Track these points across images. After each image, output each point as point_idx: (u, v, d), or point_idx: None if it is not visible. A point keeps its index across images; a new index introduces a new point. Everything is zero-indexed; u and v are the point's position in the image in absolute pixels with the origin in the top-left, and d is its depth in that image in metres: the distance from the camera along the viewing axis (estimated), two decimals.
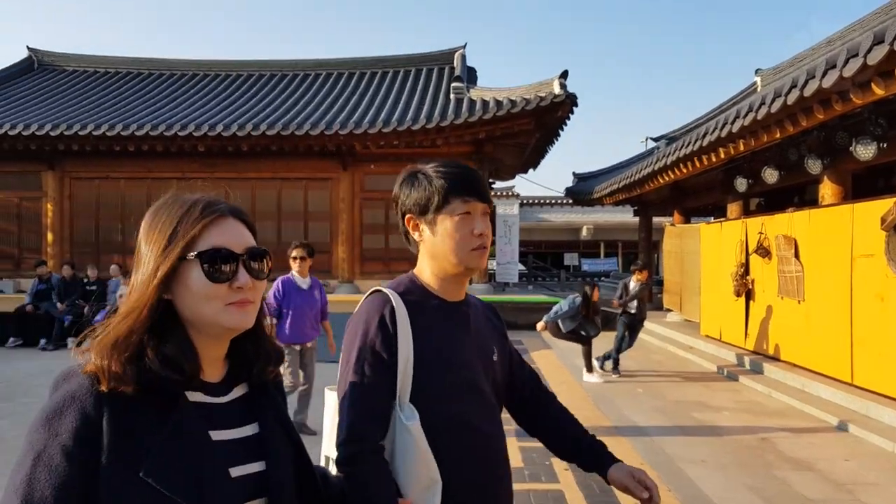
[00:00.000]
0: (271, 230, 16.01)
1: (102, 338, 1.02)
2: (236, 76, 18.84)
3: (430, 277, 1.56)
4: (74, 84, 18.28)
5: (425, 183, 1.51)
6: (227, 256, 1.07)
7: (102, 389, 0.98)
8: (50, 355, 10.21)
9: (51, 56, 19.59)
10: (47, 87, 17.98)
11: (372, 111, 15.40)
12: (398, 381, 1.42)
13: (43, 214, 15.85)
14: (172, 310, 1.06)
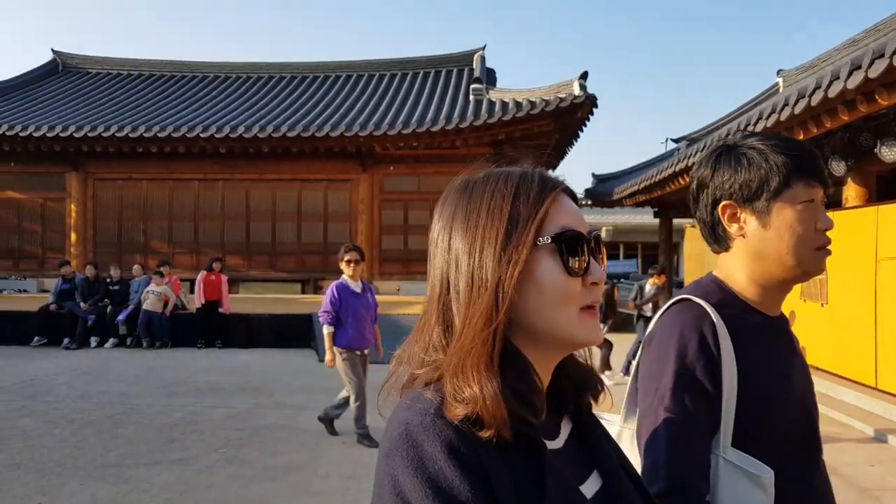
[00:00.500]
0: (291, 231, 16.14)
1: (460, 364, 0.73)
2: (257, 78, 19.00)
3: (747, 284, 1.23)
4: (98, 86, 18.55)
5: (758, 160, 1.18)
6: (581, 241, 0.78)
7: (482, 436, 0.70)
8: (73, 354, 10.36)
9: (75, 59, 19.89)
10: (71, 89, 18.25)
11: (392, 113, 15.45)
12: (721, 420, 1.11)
13: (67, 215, 16.10)
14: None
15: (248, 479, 4.59)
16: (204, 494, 4.27)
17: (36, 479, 4.55)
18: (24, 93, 17.56)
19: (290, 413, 6.49)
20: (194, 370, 8.93)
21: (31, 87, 18.14)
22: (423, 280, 14.34)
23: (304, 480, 4.55)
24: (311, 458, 5.07)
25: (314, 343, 10.62)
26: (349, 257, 5.71)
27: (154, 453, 5.13)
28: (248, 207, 16.15)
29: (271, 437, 5.60)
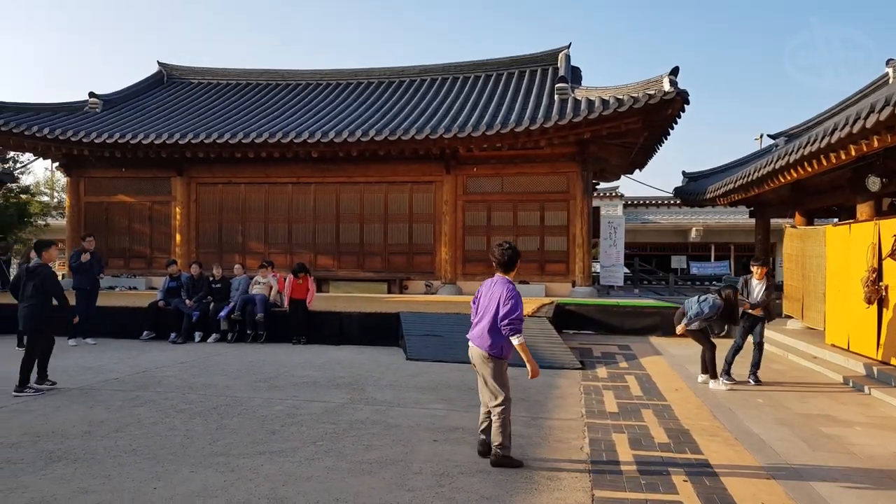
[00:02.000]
0: (378, 232, 16.53)
1: None
2: (346, 84, 19.56)
3: None
4: (199, 96, 19.61)
5: None
6: None
7: None
8: (179, 348, 11.00)
9: (178, 70, 21.11)
10: (175, 99, 19.38)
11: (475, 115, 15.54)
12: None
13: (172, 217, 17.14)
14: None
15: (344, 471, 4.75)
16: (304, 485, 4.46)
17: (151, 465, 4.88)
18: (132, 103, 18.80)
19: (382, 409, 6.66)
20: (290, 365, 9.31)
21: (140, 97, 19.39)
22: None
23: (399, 476, 4.67)
24: (403, 453, 5.20)
25: (401, 341, 10.83)
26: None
27: (257, 444, 5.40)
28: (337, 209, 16.68)
29: (365, 432, 5.77)
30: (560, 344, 10.09)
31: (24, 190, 24.32)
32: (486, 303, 5.23)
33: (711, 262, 30.87)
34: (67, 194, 18.38)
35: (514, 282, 5.42)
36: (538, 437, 5.74)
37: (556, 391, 7.74)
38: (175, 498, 4.20)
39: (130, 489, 4.36)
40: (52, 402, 6.94)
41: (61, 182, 28.52)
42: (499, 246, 5.41)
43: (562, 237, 15.75)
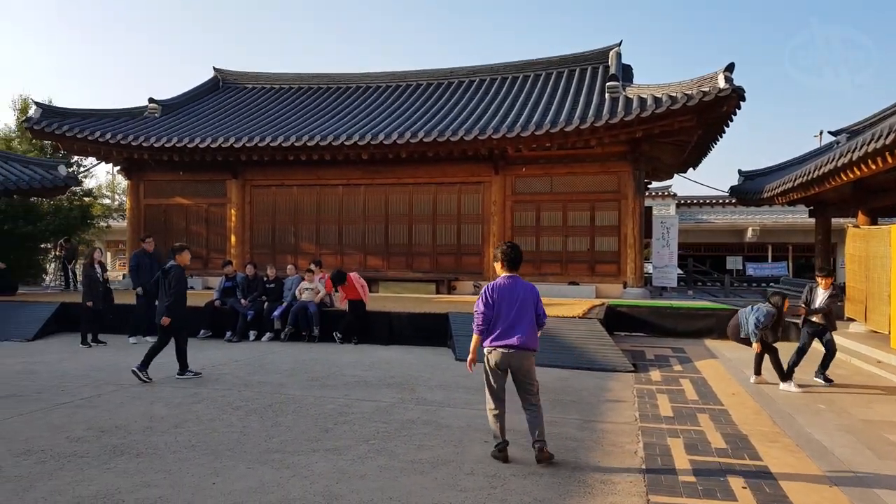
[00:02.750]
0: (427, 233, 16.61)
1: None
2: (396, 86, 19.71)
3: None
4: (253, 100, 20.06)
5: None
6: None
7: None
8: (235, 346, 11.28)
9: (233, 75, 21.65)
10: (230, 103, 19.88)
11: (524, 115, 15.46)
12: None
13: (227, 218, 17.58)
14: None
15: (397, 471, 4.79)
16: (358, 484, 4.51)
17: (209, 460, 5.01)
18: (189, 108, 19.37)
19: (432, 409, 6.68)
20: (341, 364, 9.43)
21: (196, 102, 19.96)
22: (555, 282, 14.24)
23: (451, 476, 4.68)
24: (455, 454, 5.20)
25: (450, 342, 10.85)
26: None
27: (311, 442, 5.49)
28: (386, 210, 16.82)
29: (416, 432, 5.81)
30: (612, 346, 9.94)
31: (87, 193, 25.30)
32: (517, 304, 5.14)
33: (768, 262, 29.96)
34: (128, 197, 19.06)
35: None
36: (591, 441, 5.67)
37: (608, 394, 7.63)
38: (233, 493, 4.30)
39: (190, 484, 4.48)
40: (116, 397, 7.21)
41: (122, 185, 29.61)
42: (510, 246, 5.43)
43: (613, 237, 15.52)
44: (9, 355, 10.21)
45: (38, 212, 20.19)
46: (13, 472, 4.71)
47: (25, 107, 23.67)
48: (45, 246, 21.93)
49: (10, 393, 7.39)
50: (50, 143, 20.26)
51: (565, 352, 9.75)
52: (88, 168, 23.40)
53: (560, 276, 15.64)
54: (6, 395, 7.30)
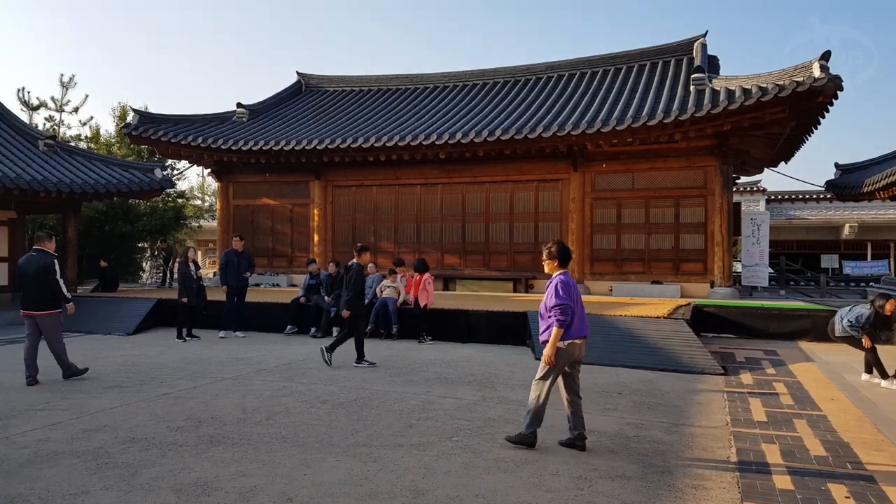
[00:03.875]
0: (504, 231, 16.55)
1: None
2: (473, 85, 19.74)
3: None
4: (335, 103, 20.55)
5: None
6: None
7: None
8: (319, 342, 11.54)
9: (315, 79, 22.25)
10: (313, 106, 20.43)
11: (605, 110, 15.15)
12: None
13: (310, 218, 18.09)
14: None
15: (481, 468, 4.80)
16: (443, 480, 4.55)
17: (300, 452, 5.18)
18: (275, 112, 20.04)
19: (514, 408, 6.65)
20: (421, 361, 9.54)
21: (281, 106, 20.64)
22: (637, 281, 13.91)
23: (536, 476, 4.65)
24: (539, 454, 5.16)
25: (529, 340, 10.78)
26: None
27: (396, 437, 5.58)
28: (463, 209, 16.88)
29: (499, 430, 5.80)
30: (699, 347, 9.61)
31: (180, 195, 26.60)
32: (579, 297, 5.55)
33: (868, 261, 28.17)
34: (218, 198, 19.92)
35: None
36: (680, 445, 5.50)
37: (697, 397, 7.38)
38: (323, 485, 4.42)
39: (283, 474, 4.64)
40: (210, 390, 7.55)
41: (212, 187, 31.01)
42: (562, 244, 5.74)
43: (699, 235, 14.99)
44: (112, 348, 10.87)
45: (136, 213, 21.40)
46: (120, 458, 5.01)
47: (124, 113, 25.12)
48: (142, 245, 23.24)
49: (114, 384, 7.87)
50: (146, 148, 21.41)
51: (650, 353, 9.51)
52: (181, 171, 24.57)
53: (643, 275, 15.24)
54: (111, 385, 7.78)
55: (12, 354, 10.13)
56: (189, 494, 4.25)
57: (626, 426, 6.03)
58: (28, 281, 8.12)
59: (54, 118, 26.04)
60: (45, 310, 8.09)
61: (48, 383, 7.89)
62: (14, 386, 7.75)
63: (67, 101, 26.20)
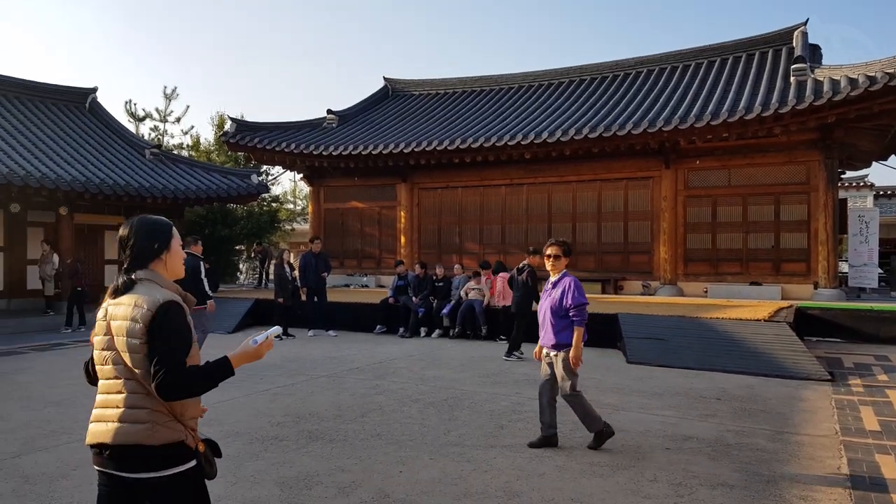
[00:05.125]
0: (591, 231, 16.27)
1: None
2: (559, 83, 19.51)
3: None
4: (420, 106, 20.83)
5: None
6: None
7: None
8: (407, 341, 11.79)
9: (401, 83, 22.64)
10: (399, 110, 20.80)
11: (698, 104, 14.62)
12: None
13: (397, 220, 18.42)
14: None
15: (575, 472, 4.74)
16: (537, 482, 4.53)
17: (394, 449, 5.29)
18: (363, 117, 20.53)
19: (607, 412, 6.52)
20: (508, 362, 9.53)
21: (369, 111, 21.12)
22: (733, 281, 13.31)
23: (632, 481, 4.55)
24: (635, 459, 5.05)
25: (620, 343, 10.55)
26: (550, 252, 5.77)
27: (488, 437, 5.60)
28: (549, 209, 16.71)
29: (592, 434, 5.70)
30: (804, 352, 9.11)
31: (275, 199, 27.73)
32: None
33: None
34: (310, 202, 20.61)
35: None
36: (785, 454, 5.24)
37: (802, 404, 7.01)
38: (419, 483, 4.50)
39: (379, 471, 4.76)
40: (307, 387, 7.83)
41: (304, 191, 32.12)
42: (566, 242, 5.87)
43: (801, 233, 14.20)
44: (214, 346, 11.36)
45: (234, 217, 22.49)
46: (225, 451, 5.20)
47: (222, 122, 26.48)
48: (240, 248, 24.38)
49: None
50: (243, 154, 22.44)
51: (749, 357, 9.10)
52: (275, 176, 25.64)
53: (740, 276, 14.59)
54: None
55: None
56: (292, 488, 4.43)
57: (727, 433, 5.80)
58: (179, 280, 8.87)
59: (159, 128, 27.77)
60: (193, 306, 8.80)
61: None
62: None
63: (170, 111, 27.87)
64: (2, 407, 6.82)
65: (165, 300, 2.32)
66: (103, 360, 2.35)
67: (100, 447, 2.31)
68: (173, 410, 2.32)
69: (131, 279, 2.38)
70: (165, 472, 2.26)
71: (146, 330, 2.25)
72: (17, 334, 13.29)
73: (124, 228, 2.45)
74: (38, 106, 18.36)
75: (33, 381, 8.29)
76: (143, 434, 2.24)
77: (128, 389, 2.29)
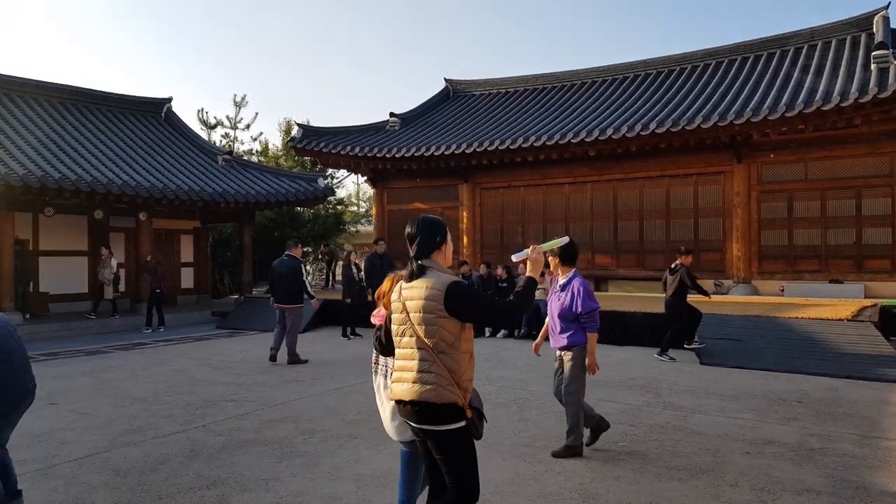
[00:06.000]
0: (659, 229, 15.89)
1: None
2: (623, 78, 19.15)
3: None
4: (481, 106, 20.83)
5: None
6: None
7: None
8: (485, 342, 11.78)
9: (462, 84, 22.69)
10: (460, 111, 20.85)
11: (771, 96, 14.08)
12: None
13: (459, 220, 18.46)
14: None
15: (652, 475, 4.64)
16: (612, 485, 4.45)
17: None
18: (425, 118, 20.68)
19: (682, 414, 6.37)
20: None
21: (430, 113, 21.26)
22: (812, 280, 12.75)
23: (712, 486, 4.42)
24: (713, 463, 4.91)
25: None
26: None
27: (559, 439, 5.53)
28: (615, 207, 16.42)
29: (667, 437, 5.58)
30: (891, 353, 8.64)
31: (340, 202, 28.28)
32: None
33: None
34: (373, 204, 20.91)
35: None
36: (874, 460, 4.99)
37: (891, 408, 6.65)
38: (492, 483, 4.50)
39: None
40: None
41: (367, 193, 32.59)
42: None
43: (885, 228, 13.47)
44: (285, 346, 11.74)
45: (301, 220, 23.04)
46: (302, 448, 5.41)
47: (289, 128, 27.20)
48: (306, 249, 24.95)
49: (291, 378, 8.52)
50: (309, 159, 22.96)
51: (832, 359, 8.70)
52: (340, 179, 26.15)
53: (819, 274, 13.96)
54: (289, 380, 8.42)
55: (206, 350, 11.30)
56: (367, 485, 4.50)
57: (810, 437, 5.57)
58: (280, 280, 9.93)
59: (229, 135, 28.73)
60: (292, 303, 9.90)
61: (234, 376, 8.70)
62: (205, 379, 8.62)
63: (240, 118, 28.78)
64: (92, 403, 7.19)
65: (451, 281, 2.89)
66: (400, 333, 2.99)
67: (401, 402, 2.97)
68: (453, 375, 2.88)
69: (421, 266, 2.98)
70: (443, 426, 2.88)
71: (441, 306, 2.83)
72: (102, 334, 14.01)
73: (411, 227, 3.08)
74: (117, 116, 19.28)
75: (119, 378, 8.70)
76: (430, 394, 2.85)
77: (420, 357, 2.89)
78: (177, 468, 4.92)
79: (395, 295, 3.05)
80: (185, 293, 19.33)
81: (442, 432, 2.89)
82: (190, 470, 4.88)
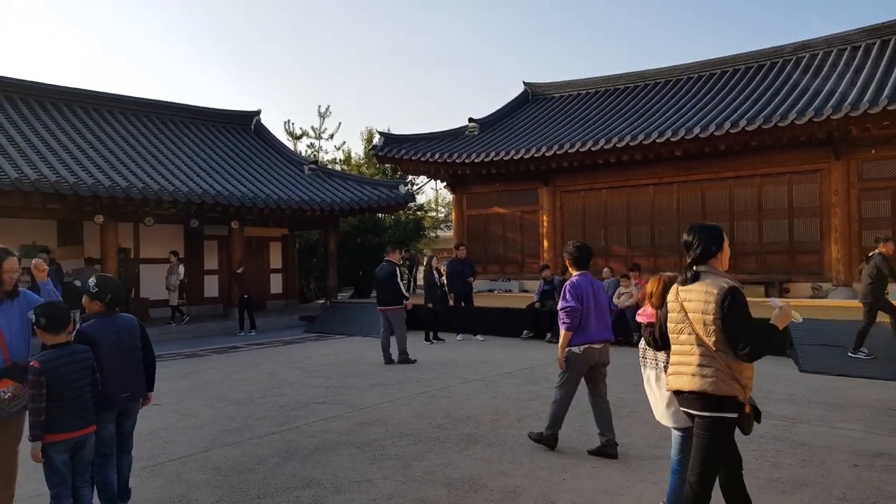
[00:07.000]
0: (752, 230, 15.26)
1: None
2: (709, 75, 18.50)
3: None
4: (560, 108, 20.60)
5: None
6: None
7: None
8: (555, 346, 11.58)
9: (541, 87, 22.53)
10: (539, 114, 20.70)
11: (871, 89, 13.27)
12: None
13: (539, 224, 18.33)
14: None
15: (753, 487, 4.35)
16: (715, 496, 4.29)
17: (556, 456, 5.26)
18: (503, 123, 20.66)
19: (782, 424, 6.08)
20: None
21: (509, 117, 21.22)
22: None
23: (818, 499, 4.20)
24: (819, 475, 4.66)
25: (790, 350, 9.78)
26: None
27: (651, 448, 5.39)
28: (703, 208, 15.86)
29: (768, 448, 5.33)
30: None
31: (420, 207, 28.62)
32: (595, 298, 5.45)
33: None
34: (453, 209, 21.04)
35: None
36: None
37: None
38: (584, 491, 4.44)
39: (542, 477, 4.75)
40: (462, 390, 7.98)
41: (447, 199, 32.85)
42: (578, 247, 5.69)
43: None
44: (369, 349, 11.98)
45: (382, 226, 23.47)
46: (393, 451, 5.51)
47: (370, 136, 27.78)
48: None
49: (377, 382, 8.68)
50: (389, 166, 23.36)
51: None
52: (420, 185, 26.47)
53: None
54: (376, 383, 8.59)
55: (295, 353, 11.69)
56: (458, 489, 4.53)
57: None
58: (381, 284, 10.45)
59: (314, 145, 29.63)
60: (392, 305, 10.36)
61: (323, 379, 8.95)
62: (295, 382, 8.90)
63: (324, 129, 29.61)
64: (191, 405, 7.56)
65: (730, 286, 3.10)
66: (678, 331, 3.26)
67: (678, 392, 3.26)
68: (732, 371, 3.08)
69: (696, 272, 3.25)
70: (713, 413, 3.09)
71: (718, 308, 3.06)
72: (198, 338, 14.73)
73: (688, 235, 3.37)
74: (210, 129, 20.26)
75: (215, 380, 9.12)
76: (707, 385, 3.09)
77: (698, 353, 3.14)
78: (273, 468, 5.11)
79: (672, 296, 3.34)
80: (274, 298, 20.04)
81: (707, 419, 3.11)
82: (285, 470, 5.05)
